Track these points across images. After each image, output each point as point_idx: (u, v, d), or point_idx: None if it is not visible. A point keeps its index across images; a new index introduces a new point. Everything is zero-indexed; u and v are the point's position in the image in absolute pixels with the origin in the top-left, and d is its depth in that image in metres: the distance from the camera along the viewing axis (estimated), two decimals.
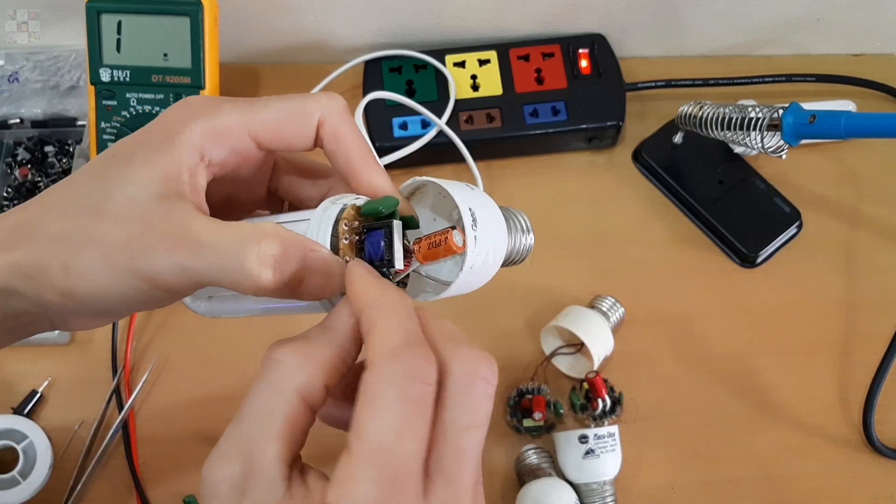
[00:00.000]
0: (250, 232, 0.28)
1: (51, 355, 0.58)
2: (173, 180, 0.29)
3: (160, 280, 0.28)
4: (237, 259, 0.27)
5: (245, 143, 0.31)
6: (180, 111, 0.30)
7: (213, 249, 0.28)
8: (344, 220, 0.30)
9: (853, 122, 0.50)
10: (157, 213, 0.28)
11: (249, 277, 0.27)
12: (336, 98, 0.32)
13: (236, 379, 0.58)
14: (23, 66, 0.65)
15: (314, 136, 0.32)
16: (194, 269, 0.28)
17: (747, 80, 0.69)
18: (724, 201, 0.64)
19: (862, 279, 0.63)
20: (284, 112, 0.31)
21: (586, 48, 0.67)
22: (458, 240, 0.29)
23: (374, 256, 0.30)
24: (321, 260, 0.29)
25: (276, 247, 0.28)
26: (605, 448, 0.53)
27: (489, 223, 0.32)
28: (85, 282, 0.29)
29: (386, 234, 0.30)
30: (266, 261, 0.27)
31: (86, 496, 0.54)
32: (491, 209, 0.32)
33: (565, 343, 0.59)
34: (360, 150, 0.32)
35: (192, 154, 0.30)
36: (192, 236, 0.28)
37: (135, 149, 0.30)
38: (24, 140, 0.64)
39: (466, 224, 0.30)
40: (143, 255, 0.28)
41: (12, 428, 0.54)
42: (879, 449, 0.56)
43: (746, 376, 0.59)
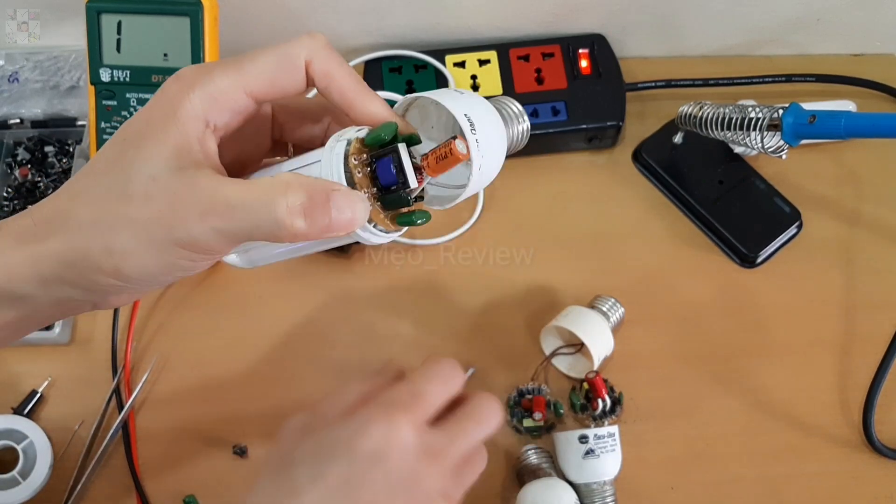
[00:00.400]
0: (275, 186, 0.30)
1: (51, 355, 0.58)
2: (186, 152, 0.31)
3: (200, 245, 0.30)
4: (269, 214, 0.29)
5: (243, 101, 0.32)
6: (177, 85, 0.32)
7: (244, 209, 0.30)
8: (352, 155, 0.32)
9: (853, 123, 0.50)
10: (181, 186, 0.30)
11: (284, 227, 0.30)
12: (317, 37, 0.33)
13: (236, 379, 0.58)
14: (23, 66, 0.65)
15: (304, 79, 0.33)
16: (229, 229, 0.30)
17: (747, 80, 0.69)
18: (724, 201, 0.64)
19: (862, 279, 0.63)
20: (272, 63, 0.33)
21: (586, 48, 0.67)
22: (461, 148, 0.31)
23: (389, 182, 0.32)
24: (343, 196, 0.30)
25: (301, 195, 0.30)
26: (605, 448, 0.53)
27: (486, 122, 0.33)
28: (129, 260, 0.30)
29: (394, 158, 0.32)
30: (295, 210, 0.29)
31: (86, 496, 0.54)
32: (484, 108, 0.34)
33: (565, 343, 0.59)
34: (351, 81, 0.33)
35: (196, 124, 0.31)
36: (221, 200, 0.30)
37: (142, 129, 0.31)
38: (24, 140, 0.64)
39: (466, 130, 0.32)
40: (180, 227, 0.30)
41: (12, 428, 0.54)
42: (879, 449, 0.56)
43: (746, 376, 0.59)
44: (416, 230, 0.63)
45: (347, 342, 0.59)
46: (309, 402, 0.57)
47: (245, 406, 0.57)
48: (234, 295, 0.60)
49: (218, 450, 0.56)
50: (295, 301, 0.60)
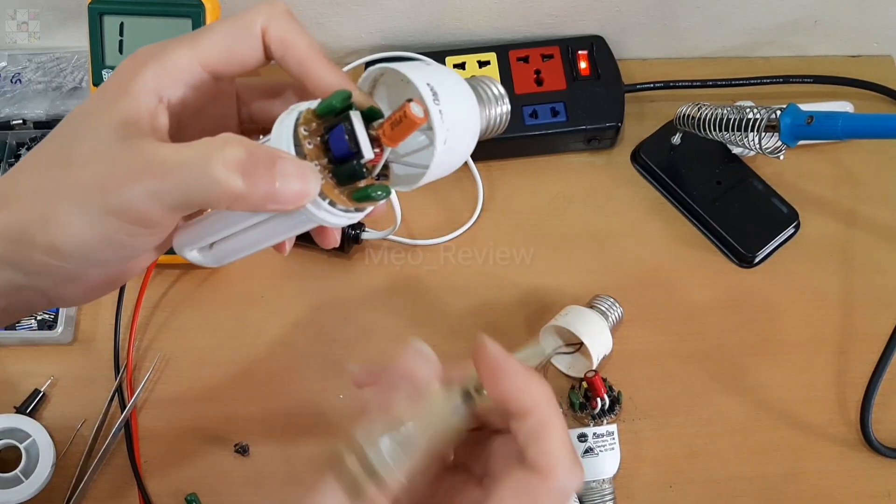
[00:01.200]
0: (213, 142, 0.28)
1: (53, 354, 0.58)
2: (133, 124, 0.29)
3: (134, 212, 0.28)
4: (204, 169, 0.27)
5: (198, 75, 0.31)
6: (132, 61, 0.31)
7: (179, 167, 0.28)
8: (301, 125, 0.29)
9: (850, 124, 0.50)
10: (121, 152, 0.29)
11: (219, 184, 0.27)
12: (276, 4, 0.32)
13: (238, 378, 0.58)
14: (25, 67, 0.65)
15: (262, 48, 0.32)
16: (164, 191, 0.28)
17: (745, 81, 0.69)
18: (722, 202, 0.64)
19: (859, 279, 0.63)
20: (227, 32, 0.31)
21: (585, 50, 0.67)
22: (416, 111, 0.28)
23: (341, 153, 0.30)
24: (291, 164, 0.28)
25: (240, 151, 0.28)
26: (604, 447, 0.53)
27: (454, 95, 0.31)
28: (63, 231, 0.29)
29: (346, 126, 0.29)
30: (232, 165, 0.27)
31: (88, 495, 0.55)
32: (454, 81, 0.32)
33: (564, 342, 0.59)
34: (309, 49, 0.32)
35: (148, 97, 0.30)
36: (157, 160, 0.28)
37: (94, 104, 0.31)
38: (26, 141, 0.64)
39: (425, 95, 0.29)
40: (113, 191, 0.28)
41: (15, 427, 0.54)
42: (877, 447, 0.57)
43: (744, 375, 0.59)
44: (415, 230, 0.63)
45: (348, 341, 0.60)
46: (310, 402, 0.58)
47: (247, 405, 0.57)
48: (235, 294, 0.61)
49: (220, 448, 0.56)
50: (296, 300, 0.61)
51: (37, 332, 0.58)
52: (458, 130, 0.31)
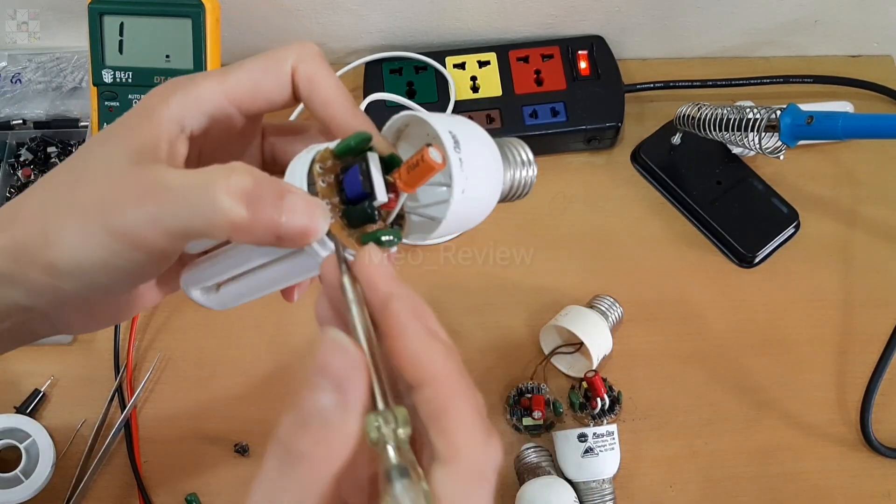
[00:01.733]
0: (220, 168, 0.27)
1: (53, 354, 0.58)
2: (151, 149, 0.29)
3: (133, 236, 0.27)
4: (207, 195, 0.26)
5: (224, 108, 0.31)
6: (160, 91, 0.30)
7: (181, 191, 0.27)
8: (318, 162, 0.29)
9: (850, 124, 0.51)
10: (129, 174, 0.28)
11: (221, 213, 0.26)
12: (308, 45, 0.32)
13: (238, 378, 0.58)
14: (25, 66, 0.65)
15: (290, 86, 0.31)
16: (165, 215, 0.27)
17: (745, 81, 0.69)
18: (722, 202, 0.64)
19: (859, 278, 0.63)
20: (257, 68, 0.31)
21: (585, 50, 0.67)
22: (434, 155, 0.27)
23: (355, 193, 0.29)
24: (300, 199, 0.27)
25: (247, 179, 0.26)
26: (604, 447, 0.53)
27: (477, 146, 0.30)
28: (63, 249, 0.28)
29: (362, 167, 0.29)
30: (236, 192, 0.26)
31: (88, 495, 0.55)
32: (479, 134, 0.31)
33: (564, 342, 0.59)
34: (336, 92, 0.31)
35: (171, 126, 0.30)
36: (162, 185, 0.27)
37: (116, 127, 0.30)
38: (26, 141, 0.64)
39: (446, 141, 0.28)
40: (115, 211, 0.27)
41: (15, 427, 0.54)
42: (877, 447, 0.57)
43: (744, 375, 0.59)
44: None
45: None
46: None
47: (247, 405, 0.57)
48: None
49: (220, 448, 0.56)
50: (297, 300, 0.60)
51: None
52: (477, 181, 0.30)
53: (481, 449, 0.25)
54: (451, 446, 0.25)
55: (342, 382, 0.25)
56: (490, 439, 0.25)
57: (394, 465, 0.23)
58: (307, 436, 0.24)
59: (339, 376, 0.25)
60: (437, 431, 0.25)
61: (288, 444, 0.24)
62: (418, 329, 0.26)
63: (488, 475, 0.25)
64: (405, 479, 0.23)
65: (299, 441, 0.24)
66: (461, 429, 0.25)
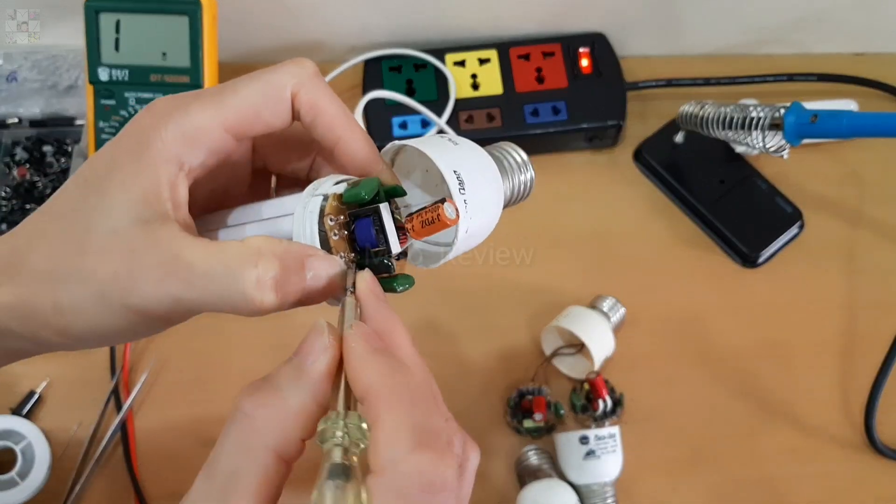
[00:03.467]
0: (244, 254, 0.27)
1: (49, 356, 0.57)
2: (154, 200, 0.28)
3: (155, 313, 0.27)
4: (236, 286, 0.26)
5: (221, 139, 0.29)
6: (149, 119, 0.29)
7: (208, 278, 0.27)
8: (328, 215, 0.29)
9: (855, 122, 0.50)
10: (142, 242, 0.27)
11: (252, 303, 0.27)
12: (304, 64, 0.31)
13: (235, 379, 0.58)
14: (21, 65, 0.65)
15: (290, 112, 0.30)
16: (189, 298, 0.27)
17: (749, 79, 0.68)
18: (725, 201, 0.64)
19: (864, 279, 0.63)
20: (255, 94, 0.29)
21: (587, 47, 0.66)
22: (450, 213, 0.28)
23: (368, 245, 0.29)
24: (321, 264, 0.28)
25: (274, 267, 0.27)
26: (606, 449, 0.53)
27: (479, 177, 0.30)
28: (78, 319, 0.28)
29: (375, 220, 0.29)
30: (266, 284, 0.26)
31: (84, 497, 0.54)
32: (478, 160, 0.31)
33: (566, 343, 0.59)
34: (340, 116, 0.31)
35: (168, 167, 0.28)
36: (183, 264, 0.27)
37: (108, 170, 0.28)
38: (22, 139, 0.63)
39: (454, 191, 0.29)
40: (135, 290, 0.27)
41: (11, 429, 0.54)
42: (881, 450, 0.56)
43: (748, 377, 0.59)
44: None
45: None
46: None
47: None
48: None
49: None
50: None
51: None
52: (480, 215, 0.30)
53: (406, 460, 0.25)
54: (375, 458, 0.25)
55: (304, 359, 0.27)
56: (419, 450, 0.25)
57: (332, 464, 0.24)
58: (254, 397, 0.26)
59: (303, 353, 0.27)
60: (371, 448, 0.25)
61: (238, 403, 0.26)
62: (359, 347, 0.27)
63: (421, 485, 0.25)
64: (338, 480, 0.23)
65: (246, 401, 0.26)
66: (386, 440, 0.25)
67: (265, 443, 0.25)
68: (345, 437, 0.24)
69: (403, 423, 0.25)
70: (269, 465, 0.25)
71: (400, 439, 0.25)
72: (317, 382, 0.26)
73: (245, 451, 0.25)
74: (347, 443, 0.24)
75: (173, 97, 0.29)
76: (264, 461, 0.25)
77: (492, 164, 0.32)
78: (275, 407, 0.26)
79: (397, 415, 0.25)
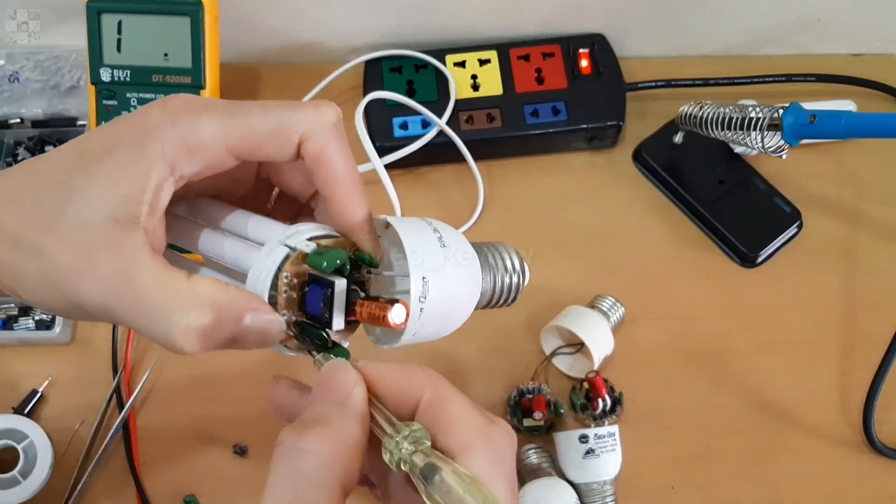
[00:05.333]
0: (186, 300, 0.27)
1: (51, 355, 0.58)
2: (133, 201, 0.28)
3: (90, 313, 0.28)
4: (164, 326, 0.27)
5: (220, 157, 0.29)
6: (158, 116, 0.29)
7: (142, 307, 0.27)
8: (285, 271, 0.29)
9: (853, 122, 0.50)
10: (103, 242, 0.27)
11: (173, 346, 0.27)
12: (324, 112, 0.30)
13: (237, 379, 0.58)
14: (23, 65, 0.65)
15: (294, 153, 0.30)
16: (122, 318, 0.28)
17: (748, 79, 0.69)
18: (724, 201, 0.64)
19: (862, 279, 0.63)
20: (263, 127, 0.29)
21: (587, 48, 0.67)
22: (396, 318, 0.28)
23: (313, 314, 0.29)
24: (258, 320, 0.29)
25: (206, 318, 0.27)
26: (606, 448, 0.53)
27: (449, 287, 0.30)
28: (27, 291, 0.29)
29: (326, 294, 0.29)
30: (191, 333, 0.27)
31: (86, 495, 0.54)
32: (457, 269, 0.31)
33: (565, 343, 0.59)
34: (340, 176, 0.30)
35: (160, 170, 0.28)
36: (129, 285, 0.27)
37: (103, 154, 0.28)
38: (24, 140, 0.64)
39: (413, 298, 0.29)
40: (77, 287, 0.28)
41: (13, 427, 0.54)
42: (880, 449, 0.56)
43: (746, 376, 0.59)
44: None
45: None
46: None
47: (245, 405, 0.57)
48: None
49: (218, 449, 0.56)
50: None
51: (34, 332, 0.57)
52: (437, 324, 0.31)
53: (491, 428, 0.27)
54: (460, 437, 0.26)
55: (340, 392, 0.27)
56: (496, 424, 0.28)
57: (424, 467, 0.25)
58: (309, 434, 0.26)
59: (337, 388, 0.27)
60: (442, 431, 0.27)
61: (291, 444, 0.26)
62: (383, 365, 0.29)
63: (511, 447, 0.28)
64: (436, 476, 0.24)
65: (301, 438, 0.26)
66: (464, 419, 0.27)
67: (336, 478, 0.25)
68: (412, 446, 0.26)
69: (469, 404, 0.28)
70: (340, 499, 0.26)
71: (475, 415, 0.27)
72: (362, 411, 0.27)
73: (317, 487, 0.25)
74: (419, 447, 0.26)
75: (189, 99, 0.29)
76: (336, 495, 0.25)
77: (473, 273, 0.32)
78: (335, 440, 0.26)
79: (461, 399, 0.27)
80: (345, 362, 0.28)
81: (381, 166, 0.61)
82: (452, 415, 0.27)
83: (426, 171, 0.66)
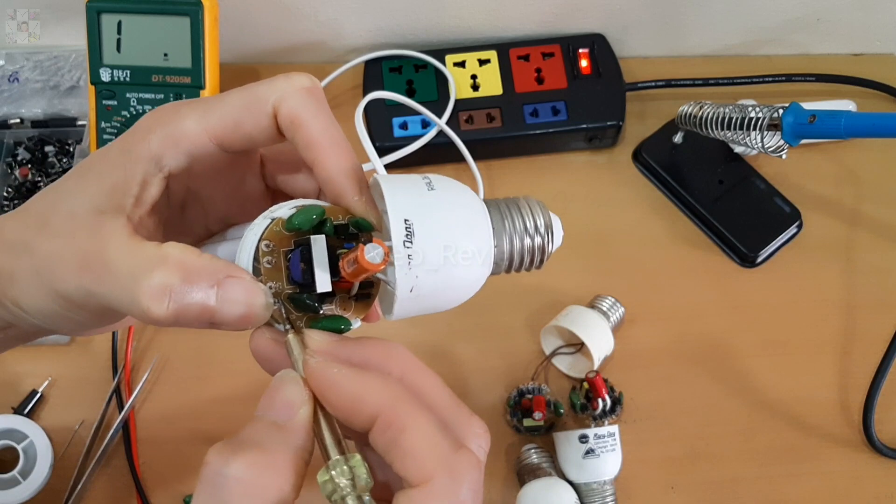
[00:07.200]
0: (147, 259, 0.26)
1: (51, 355, 0.58)
2: (118, 193, 0.28)
3: (75, 302, 0.27)
4: (129, 289, 0.25)
5: (205, 146, 0.29)
6: (147, 120, 0.29)
7: (114, 276, 0.26)
8: (265, 239, 0.27)
9: (853, 122, 0.50)
10: (85, 230, 0.27)
11: (140, 309, 0.25)
12: (294, 78, 0.29)
13: (237, 378, 0.58)
14: (23, 65, 0.65)
15: (273, 125, 0.29)
16: (98, 293, 0.26)
17: (747, 79, 0.69)
18: (724, 201, 0.64)
19: (862, 279, 0.63)
20: (238, 105, 0.29)
21: (586, 48, 0.67)
22: (371, 256, 0.25)
23: (296, 279, 0.27)
24: (241, 288, 0.26)
25: (173, 276, 0.25)
26: (606, 448, 0.53)
27: (445, 233, 0.27)
28: (22, 294, 0.28)
29: (303, 253, 0.27)
30: (157, 293, 0.25)
31: (86, 496, 0.54)
32: (455, 213, 0.28)
33: (565, 343, 0.59)
34: (320, 133, 0.28)
35: (147, 165, 0.28)
36: (101, 259, 0.26)
37: (96, 161, 0.29)
38: (24, 140, 0.64)
39: (395, 240, 0.26)
40: (59, 275, 0.27)
41: (13, 428, 0.54)
42: (880, 449, 0.56)
43: (746, 376, 0.59)
44: None
45: None
46: None
47: (246, 406, 0.57)
48: None
49: None
50: None
51: None
52: (437, 276, 0.27)
53: (456, 458, 0.24)
54: (419, 468, 0.24)
55: (281, 412, 0.25)
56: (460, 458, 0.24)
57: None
58: (238, 459, 0.23)
59: (279, 406, 0.25)
60: (400, 456, 0.24)
61: (217, 468, 0.23)
62: (343, 372, 0.25)
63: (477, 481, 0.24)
64: None
65: (228, 462, 0.23)
66: (426, 446, 0.24)
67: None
68: (350, 483, 0.23)
69: (431, 424, 0.24)
70: None
71: (437, 440, 0.24)
72: (303, 436, 0.25)
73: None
74: (357, 488, 0.23)
75: (177, 103, 0.29)
76: None
77: (477, 222, 0.28)
78: (265, 469, 0.24)
79: (422, 417, 0.24)
80: (296, 376, 0.26)
81: (380, 166, 0.61)
82: (410, 439, 0.24)
83: (426, 172, 0.66)
